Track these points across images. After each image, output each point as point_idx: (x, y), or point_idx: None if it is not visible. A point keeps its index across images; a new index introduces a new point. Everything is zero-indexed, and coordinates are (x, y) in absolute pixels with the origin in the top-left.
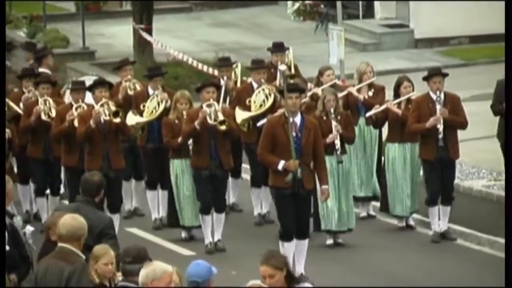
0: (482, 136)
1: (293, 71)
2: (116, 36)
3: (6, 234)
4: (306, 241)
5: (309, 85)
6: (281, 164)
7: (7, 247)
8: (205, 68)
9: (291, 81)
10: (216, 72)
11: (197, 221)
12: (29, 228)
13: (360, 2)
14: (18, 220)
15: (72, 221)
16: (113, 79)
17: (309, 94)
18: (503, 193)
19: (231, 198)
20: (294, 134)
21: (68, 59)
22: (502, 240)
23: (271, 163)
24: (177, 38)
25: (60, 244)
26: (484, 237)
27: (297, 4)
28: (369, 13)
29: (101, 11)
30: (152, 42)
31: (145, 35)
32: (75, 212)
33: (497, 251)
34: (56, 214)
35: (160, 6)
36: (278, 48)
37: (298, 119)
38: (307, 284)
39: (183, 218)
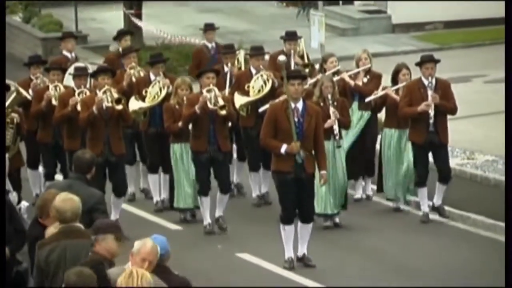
0: (455, 117)
1: (306, 60)
2: (107, 21)
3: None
4: (311, 225)
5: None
6: (283, 148)
7: None
8: (193, 40)
9: (306, 70)
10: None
11: (193, 204)
12: (24, 204)
13: None
14: (13, 196)
15: (71, 202)
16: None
17: (311, 81)
18: (475, 171)
19: (235, 179)
20: (296, 119)
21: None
22: (474, 216)
23: (274, 148)
24: (165, 23)
25: (66, 225)
26: (456, 213)
27: None
28: None
29: None
30: (141, 26)
31: (135, 19)
32: (68, 188)
33: (470, 226)
34: (50, 193)
35: None
36: (291, 36)
37: (300, 105)
38: None
39: (178, 201)
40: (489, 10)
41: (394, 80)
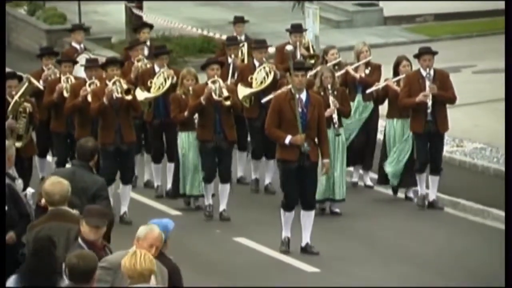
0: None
1: (311, 51)
2: (109, 13)
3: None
4: (313, 212)
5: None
6: (288, 139)
7: (6, 208)
8: (194, 30)
9: (311, 61)
10: (204, 32)
11: (198, 191)
12: (29, 190)
13: None
14: (19, 183)
15: (60, 185)
16: (108, 53)
17: (313, 72)
18: (464, 158)
19: (238, 172)
20: (300, 110)
21: (65, 35)
22: (463, 201)
23: (278, 138)
24: (166, 16)
25: (55, 208)
26: (446, 199)
27: None
28: None
29: None
30: (143, 16)
31: (136, 11)
32: (71, 175)
33: (460, 211)
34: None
35: None
36: (297, 29)
37: (304, 95)
38: None
39: (184, 187)
40: (477, 3)
41: (395, 72)
